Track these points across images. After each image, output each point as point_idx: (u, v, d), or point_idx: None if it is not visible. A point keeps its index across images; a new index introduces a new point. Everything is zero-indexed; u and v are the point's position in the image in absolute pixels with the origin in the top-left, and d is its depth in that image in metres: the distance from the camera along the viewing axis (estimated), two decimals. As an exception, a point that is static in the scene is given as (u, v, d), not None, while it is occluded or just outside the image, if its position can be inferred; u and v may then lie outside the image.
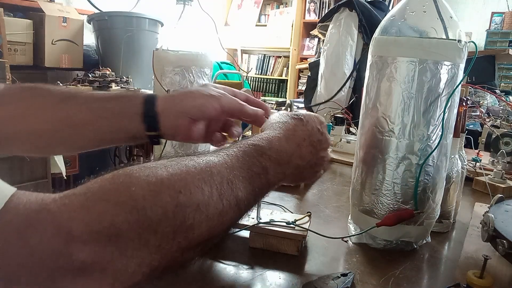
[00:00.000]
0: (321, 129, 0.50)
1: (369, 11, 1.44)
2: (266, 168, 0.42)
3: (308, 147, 0.48)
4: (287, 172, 0.46)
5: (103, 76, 2.19)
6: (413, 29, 0.52)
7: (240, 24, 4.75)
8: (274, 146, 0.44)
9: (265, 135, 0.46)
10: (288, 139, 0.47)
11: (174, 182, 0.33)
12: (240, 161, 0.40)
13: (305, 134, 0.48)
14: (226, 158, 0.39)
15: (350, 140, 1.10)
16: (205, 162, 0.37)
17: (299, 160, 0.47)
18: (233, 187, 0.37)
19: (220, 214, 0.35)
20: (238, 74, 1.62)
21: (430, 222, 0.54)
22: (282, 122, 0.49)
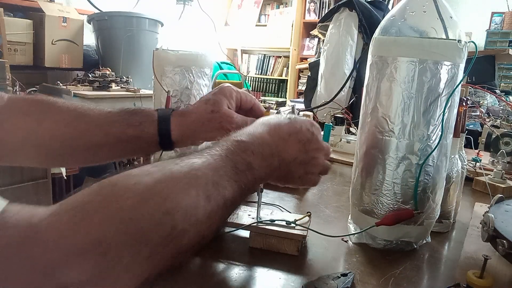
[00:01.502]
0: (311, 130, 0.50)
1: (369, 11, 1.44)
2: (250, 163, 0.42)
3: (294, 143, 0.47)
4: (272, 166, 0.45)
5: (103, 76, 2.19)
6: (413, 29, 0.52)
7: (240, 24, 4.75)
8: (256, 140, 0.44)
9: (247, 130, 0.46)
10: (270, 132, 0.47)
11: (160, 189, 0.32)
12: (224, 160, 0.40)
13: (290, 130, 0.48)
14: (209, 158, 0.39)
15: (350, 140, 1.10)
16: (189, 165, 0.36)
17: (284, 154, 0.46)
18: (219, 187, 0.37)
19: (209, 216, 0.35)
20: (238, 74, 1.63)
21: (430, 222, 0.54)
22: (267, 119, 0.50)
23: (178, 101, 0.71)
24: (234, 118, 0.58)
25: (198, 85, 0.72)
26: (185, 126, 0.57)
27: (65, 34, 2.30)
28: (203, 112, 0.58)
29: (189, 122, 0.58)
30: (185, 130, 0.57)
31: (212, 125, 0.57)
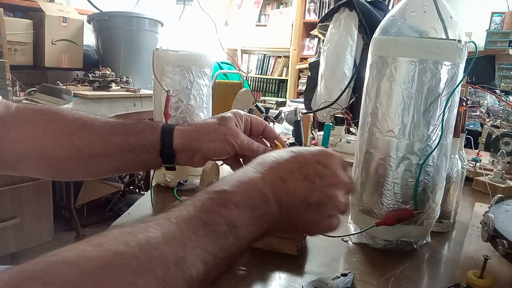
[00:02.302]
0: (324, 161, 0.41)
1: (369, 11, 1.44)
2: (232, 222, 0.34)
3: (299, 181, 0.39)
4: (269, 216, 0.37)
5: (103, 76, 2.19)
6: (413, 29, 0.52)
7: (240, 24, 4.75)
8: (242, 187, 0.36)
9: (233, 175, 0.38)
10: (265, 173, 0.39)
11: (90, 286, 0.25)
12: (195, 224, 0.32)
13: (293, 166, 0.40)
14: (173, 228, 0.31)
15: (350, 140, 1.10)
16: (144, 240, 0.28)
17: (285, 197, 0.38)
18: (183, 267, 0.29)
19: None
20: (238, 74, 1.63)
21: (430, 222, 0.54)
22: (264, 157, 0.41)
23: (178, 101, 0.71)
24: (240, 134, 0.57)
25: (198, 85, 0.72)
26: (188, 134, 0.56)
27: (65, 34, 2.30)
28: (209, 123, 0.57)
29: (193, 130, 0.57)
30: (188, 138, 0.56)
31: (216, 135, 0.56)
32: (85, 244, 0.27)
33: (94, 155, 0.56)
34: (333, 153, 0.43)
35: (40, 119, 0.56)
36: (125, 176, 2.87)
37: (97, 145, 0.55)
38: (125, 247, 0.27)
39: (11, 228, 1.86)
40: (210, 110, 0.77)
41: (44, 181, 1.96)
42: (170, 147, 0.55)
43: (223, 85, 1.47)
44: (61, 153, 0.55)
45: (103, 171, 0.59)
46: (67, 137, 0.55)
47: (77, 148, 0.55)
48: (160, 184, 0.75)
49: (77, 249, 0.27)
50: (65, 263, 0.25)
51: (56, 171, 0.58)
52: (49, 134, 0.55)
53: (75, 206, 2.41)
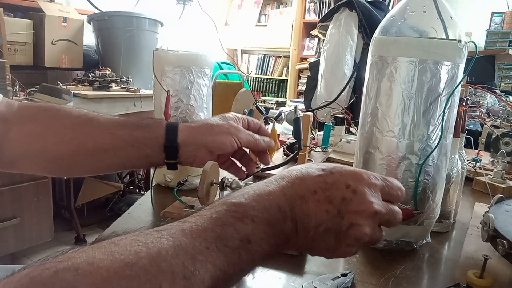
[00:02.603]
0: (354, 186, 0.37)
1: (369, 11, 1.44)
2: (246, 237, 0.32)
3: (321, 203, 0.36)
4: (285, 234, 0.35)
5: (103, 76, 2.19)
6: (413, 29, 0.52)
7: (240, 24, 4.75)
8: (260, 202, 0.34)
9: (253, 187, 0.37)
10: (286, 188, 0.36)
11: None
12: (208, 238, 0.31)
13: (317, 186, 0.36)
14: (187, 239, 0.30)
15: (350, 140, 1.10)
16: (154, 253, 0.28)
17: (304, 217, 0.35)
18: (192, 282, 0.28)
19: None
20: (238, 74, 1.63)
21: (430, 222, 0.54)
22: (291, 170, 0.39)
23: (178, 101, 0.71)
24: (241, 128, 0.60)
25: (198, 85, 0.72)
26: (192, 128, 0.58)
27: (65, 34, 2.30)
28: (211, 120, 0.60)
29: (197, 125, 0.59)
30: (193, 132, 0.57)
31: (220, 129, 0.58)
32: (97, 251, 0.27)
33: (98, 150, 0.56)
34: (370, 178, 0.38)
35: (43, 116, 0.56)
36: (125, 176, 2.87)
37: (101, 139, 0.56)
38: (135, 258, 0.27)
39: (11, 228, 1.86)
40: (210, 110, 0.77)
41: (44, 181, 1.96)
42: (174, 141, 0.56)
43: (223, 85, 1.47)
44: (63, 149, 0.55)
45: (105, 167, 0.59)
46: (70, 133, 0.55)
47: (80, 142, 0.55)
48: (160, 184, 0.75)
49: (88, 256, 0.26)
50: (75, 271, 0.25)
51: (58, 168, 0.58)
52: (52, 130, 0.55)
53: (75, 206, 2.41)
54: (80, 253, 0.27)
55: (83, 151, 0.56)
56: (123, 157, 0.57)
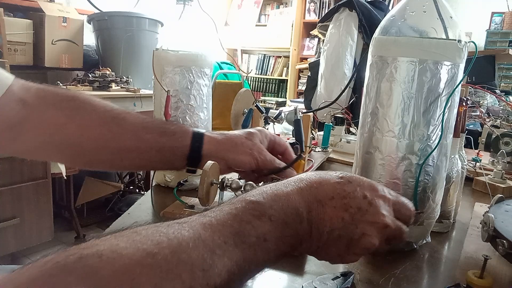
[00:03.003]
0: (371, 198, 0.38)
1: (369, 11, 1.44)
2: (263, 235, 0.33)
3: (337, 210, 0.37)
4: (299, 235, 0.36)
5: (103, 76, 2.19)
6: (413, 29, 0.52)
7: (240, 24, 4.75)
8: (278, 202, 0.35)
9: (272, 187, 0.37)
10: (304, 191, 0.37)
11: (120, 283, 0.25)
12: (227, 233, 0.31)
13: (335, 192, 0.37)
14: (207, 233, 0.31)
15: (350, 140, 1.10)
16: (175, 244, 0.29)
17: (319, 222, 0.36)
18: (210, 274, 0.29)
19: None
20: (238, 74, 1.63)
21: (430, 222, 0.54)
22: (308, 175, 0.40)
23: (178, 101, 0.71)
24: (264, 151, 0.59)
25: (198, 85, 0.72)
26: (217, 142, 0.58)
27: (65, 34, 2.30)
28: (237, 136, 0.59)
29: (222, 140, 0.58)
30: (217, 146, 0.58)
31: (243, 149, 0.58)
32: (119, 239, 0.28)
33: (122, 149, 0.56)
34: (385, 192, 0.40)
35: (67, 105, 0.55)
36: (125, 176, 2.87)
37: (126, 139, 0.56)
38: (156, 248, 0.28)
39: (11, 228, 1.86)
40: (210, 110, 0.77)
41: (44, 181, 1.96)
42: (198, 152, 0.57)
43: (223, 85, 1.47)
44: (87, 143, 0.55)
45: (127, 166, 0.60)
46: (96, 128, 0.55)
47: (106, 140, 0.55)
48: (160, 184, 0.75)
49: (111, 244, 0.27)
50: (99, 258, 0.26)
51: (79, 160, 0.58)
52: (76, 123, 0.54)
53: (75, 206, 2.41)
54: (103, 240, 0.28)
55: (107, 149, 0.56)
56: (145, 160, 0.57)
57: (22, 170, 1.88)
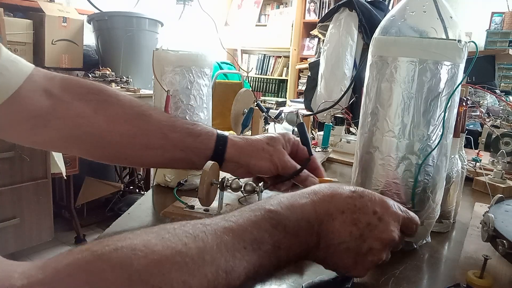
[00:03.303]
0: (381, 214, 0.40)
1: (369, 11, 1.44)
2: (277, 243, 0.35)
3: (347, 224, 0.38)
4: (308, 246, 0.38)
5: (103, 76, 2.19)
6: (413, 29, 0.52)
7: (240, 24, 4.75)
8: (294, 213, 0.37)
9: (288, 197, 0.39)
10: (317, 204, 0.39)
11: (151, 276, 0.27)
12: (246, 239, 0.33)
13: (346, 207, 0.39)
14: (229, 237, 0.33)
15: (350, 140, 1.10)
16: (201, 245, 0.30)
17: (329, 234, 0.38)
18: (232, 276, 0.31)
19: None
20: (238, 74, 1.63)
21: (430, 222, 0.54)
22: (321, 187, 0.42)
23: (178, 101, 0.71)
24: (285, 157, 0.59)
25: (198, 85, 0.72)
26: (239, 147, 0.58)
27: (65, 34, 2.30)
28: (259, 141, 0.59)
29: (245, 144, 0.59)
30: (240, 151, 0.58)
31: (263, 154, 0.58)
32: (150, 235, 0.30)
33: (148, 146, 0.56)
34: (395, 208, 0.42)
35: (93, 98, 0.54)
36: (125, 176, 2.87)
37: (152, 137, 0.56)
38: (184, 247, 0.30)
39: (11, 228, 1.86)
40: (210, 110, 0.77)
41: (44, 181, 1.96)
42: (222, 155, 0.57)
43: (223, 85, 1.47)
44: (112, 138, 0.55)
45: (149, 163, 0.60)
46: (122, 123, 0.55)
47: (132, 135, 0.55)
48: (160, 184, 0.75)
49: (143, 239, 0.29)
50: (133, 251, 0.28)
51: (104, 154, 0.57)
52: (102, 115, 0.54)
53: (75, 206, 2.41)
54: (135, 235, 0.30)
55: (132, 144, 0.56)
56: (168, 158, 0.57)
57: (22, 170, 1.88)
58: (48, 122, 0.51)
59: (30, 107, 0.50)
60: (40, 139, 0.54)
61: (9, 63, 0.48)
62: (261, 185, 0.57)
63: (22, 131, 0.52)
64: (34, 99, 0.50)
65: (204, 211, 0.58)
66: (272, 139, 0.60)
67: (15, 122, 0.50)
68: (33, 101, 0.50)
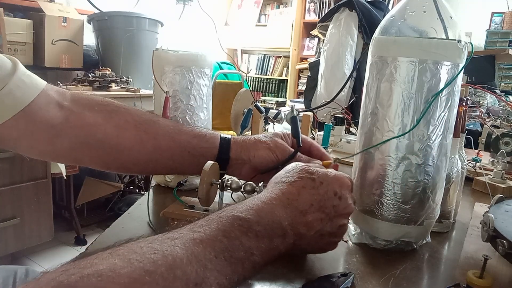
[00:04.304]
0: (340, 193, 0.44)
1: (369, 11, 1.44)
2: (250, 249, 0.36)
3: (316, 214, 0.42)
4: (284, 245, 0.40)
5: (103, 76, 2.19)
6: (413, 29, 0.52)
7: (240, 24, 4.75)
8: (264, 218, 0.38)
9: (256, 202, 0.40)
10: (286, 205, 0.41)
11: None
12: (217, 248, 0.34)
13: (313, 199, 0.42)
14: (199, 248, 0.32)
15: (350, 140, 1.10)
16: (170, 261, 0.30)
17: (303, 229, 0.41)
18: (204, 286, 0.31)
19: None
20: (238, 74, 1.63)
21: (430, 222, 0.54)
22: (285, 182, 0.44)
23: (178, 101, 0.71)
24: (283, 145, 0.61)
25: (198, 85, 0.72)
26: (240, 143, 0.61)
27: (65, 34, 2.30)
28: (257, 136, 0.63)
29: (245, 140, 0.61)
30: (241, 145, 0.60)
31: (262, 145, 0.60)
32: (116, 258, 0.29)
33: (157, 150, 0.57)
34: (347, 181, 0.46)
35: (102, 108, 0.57)
36: (125, 176, 2.87)
37: (161, 140, 0.57)
38: (153, 266, 0.29)
39: (11, 228, 1.86)
40: (210, 110, 0.77)
41: (44, 181, 1.96)
42: (227, 154, 0.59)
43: (223, 85, 1.47)
44: (124, 144, 0.56)
45: (159, 168, 0.61)
46: (132, 129, 0.57)
47: (141, 140, 0.57)
48: (160, 184, 0.75)
49: (109, 263, 0.28)
50: (99, 277, 0.27)
51: (114, 161, 0.58)
52: (113, 123, 0.56)
53: (75, 206, 2.41)
54: (101, 259, 0.29)
55: (142, 149, 0.57)
56: (177, 162, 0.59)
57: (22, 170, 1.88)
58: (60, 131, 0.53)
59: (44, 118, 0.52)
60: (53, 149, 0.55)
61: (25, 77, 0.51)
62: (261, 185, 0.56)
63: (35, 142, 0.53)
64: (48, 110, 0.52)
65: (204, 211, 0.58)
66: (270, 133, 0.63)
67: (29, 132, 0.52)
68: (47, 112, 0.52)
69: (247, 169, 0.61)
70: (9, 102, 0.48)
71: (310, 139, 0.65)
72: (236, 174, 0.62)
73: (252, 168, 0.61)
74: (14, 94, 0.49)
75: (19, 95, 0.49)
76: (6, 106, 0.48)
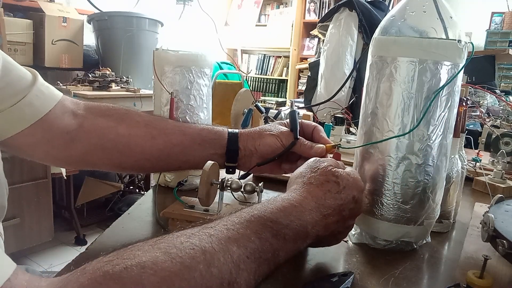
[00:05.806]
0: (357, 196, 0.46)
1: (369, 11, 1.44)
2: (277, 251, 0.38)
3: (335, 217, 0.44)
4: (303, 246, 0.42)
5: (103, 76, 2.19)
6: (413, 29, 0.52)
7: (240, 24, 4.75)
8: (293, 222, 0.40)
9: (285, 204, 0.42)
10: (314, 209, 0.43)
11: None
12: (250, 250, 0.35)
13: (336, 203, 0.44)
14: (234, 248, 0.34)
15: (350, 140, 1.10)
16: (208, 258, 0.32)
17: (322, 231, 0.43)
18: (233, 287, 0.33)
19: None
20: (238, 74, 1.62)
21: (430, 222, 0.54)
22: (313, 184, 0.45)
23: (178, 101, 0.71)
24: (287, 130, 0.62)
25: (198, 85, 0.72)
26: (247, 134, 0.62)
27: (65, 34, 2.30)
28: (261, 127, 0.64)
29: (250, 131, 0.63)
30: (248, 137, 0.62)
31: (265, 132, 0.62)
32: (158, 252, 0.31)
33: (168, 145, 0.59)
34: (362, 184, 0.48)
35: (114, 113, 0.59)
36: (125, 176, 2.87)
37: (171, 134, 0.59)
38: (191, 261, 0.31)
39: (11, 228, 1.86)
40: (210, 110, 0.77)
41: (44, 181, 1.96)
42: (236, 144, 0.61)
43: (223, 85, 1.47)
44: (136, 141, 0.58)
45: (171, 165, 0.62)
46: (143, 127, 0.59)
47: (152, 136, 0.59)
48: (160, 184, 0.75)
49: (152, 256, 0.30)
50: (142, 269, 0.29)
51: (128, 161, 0.60)
52: (124, 124, 0.58)
53: (75, 206, 2.41)
54: (144, 251, 0.31)
55: (153, 145, 0.59)
56: (188, 155, 0.60)
57: (22, 170, 1.88)
58: (75, 136, 0.56)
59: (60, 126, 0.55)
60: (68, 155, 0.57)
61: (44, 88, 0.54)
62: (261, 185, 0.56)
63: (51, 148, 0.56)
64: (63, 119, 0.55)
65: (204, 211, 0.58)
66: (273, 123, 0.65)
67: (45, 140, 0.54)
68: (62, 120, 0.55)
69: (255, 161, 0.62)
70: (28, 111, 0.51)
71: (314, 123, 0.65)
72: (246, 167, 0.63)
73: (259, 157, 0.62)
74: (33, 104, 0.52)
75: (38, 105, 0.52)
76: (26, 115, 0.51)
